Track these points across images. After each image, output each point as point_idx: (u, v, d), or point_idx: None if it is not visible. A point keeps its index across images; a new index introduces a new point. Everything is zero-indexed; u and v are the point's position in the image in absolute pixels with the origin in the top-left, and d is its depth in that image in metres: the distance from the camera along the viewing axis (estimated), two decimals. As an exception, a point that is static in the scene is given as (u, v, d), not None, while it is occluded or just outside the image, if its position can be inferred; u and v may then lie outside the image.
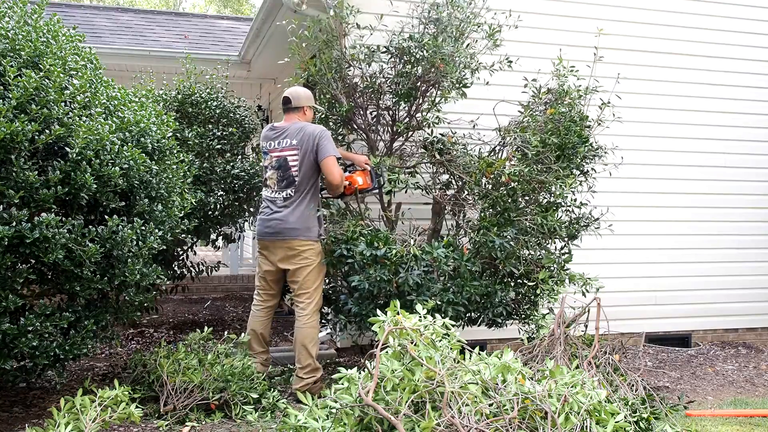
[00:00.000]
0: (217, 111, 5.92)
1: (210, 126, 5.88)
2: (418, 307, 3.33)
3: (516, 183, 4.32)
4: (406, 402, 2.88)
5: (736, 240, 6.41)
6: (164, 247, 4.22)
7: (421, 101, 4.76)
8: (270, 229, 4.26)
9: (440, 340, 3.12)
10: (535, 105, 4.76)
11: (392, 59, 4.71)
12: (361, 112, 4.82)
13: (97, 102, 3.86)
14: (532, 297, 4.58)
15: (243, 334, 4.49)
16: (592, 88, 4.70)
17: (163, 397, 3.89)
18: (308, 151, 4.23)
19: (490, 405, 2.89)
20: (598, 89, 4.77)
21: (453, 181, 4.80)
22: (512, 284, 4.54)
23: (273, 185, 4.31)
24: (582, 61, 4.92)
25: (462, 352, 3.24)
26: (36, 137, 3.39)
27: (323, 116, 4.94)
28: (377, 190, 4.59)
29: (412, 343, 3.06)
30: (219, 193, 5.87)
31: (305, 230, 4.22)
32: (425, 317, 3.21)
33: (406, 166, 4.76)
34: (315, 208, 4.30)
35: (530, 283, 4.48)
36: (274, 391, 4.14)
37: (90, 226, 3.57)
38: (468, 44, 4.70)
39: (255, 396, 4.00)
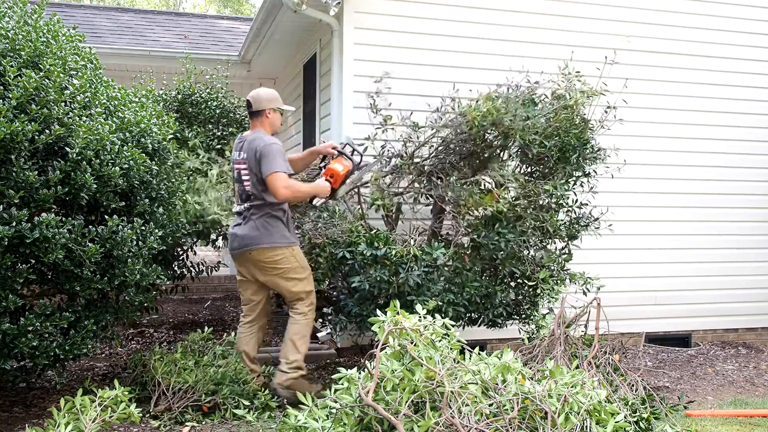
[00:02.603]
0: (217, 111, 5.93)
1: (210, 126, 5.89)
2: (418, 307, 3.33)
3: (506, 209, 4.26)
4: (406, 402, 2.88)
5: (736, 240, 6.40)
6: (164, 247, 4.22)
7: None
8: (234, 243, 4.10)
9: (440, 341, 3.12)
10: (541, 107, 4.75)
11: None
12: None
13: (97, 102, 3.87)
14: (532, 297, 4.58)
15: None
16: (597, 89, 4.68)
17: (155, 398, 3.90)
18: (252, 167, 3.98)
19: (490, 405, 2.89)
20: (603, 90, 4.76)
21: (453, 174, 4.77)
22: (512, 285, 4.54)
23: (237, 199, 4.18)
24: (582, 61, 4.92)
25: (462, 352, 3.24)
26: (36, 137, 3.39)
27: None
28: (361, 169, 4.39)
29: (412, 343, 3.06)
30: (219, 193, 5.87)
31: (266, 236, 4.00)
32: (425, 317, 3.21)
33: (394, 192, 4.74)
34: (275, 215, 4.03)
35: (530, 283, 4.48)
36: (266, 391, 4.13)
37: (90, 226, 3.57)
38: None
39: (246, 402, 3.96)
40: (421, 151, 4.69)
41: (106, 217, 3.68)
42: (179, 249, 5.99)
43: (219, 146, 5.83)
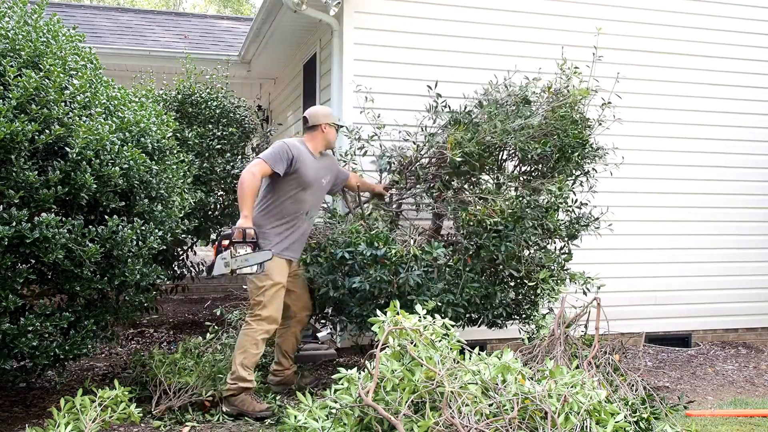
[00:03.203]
0: (217, 111, 5.93)
1: (210, 126, 5.89)
2: (418, 307, 3.33)
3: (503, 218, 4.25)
4: (406, 402, 2.88)
5: (736, 240, 6.40)
6: (164, 247, 4.22)
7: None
8: None
9: (440, 341, 3.13)
10: (537, 106, 4.75)
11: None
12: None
13: (97, 102, 3.86)
14: (533, 297, 4.57)
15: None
16: (593, 87, 4.69)
17: (155, 398, 3.91)
18: None
19: (490, 405, 2.89)
20: (598, 89, 4.77)
21: (453, 182, 4.76)
22: (512, 285, 4.54)
23: None
24: (582, 60, 4.92)
25: (462, 352, 3.24)
26: (36, 137, 3.39)
27: None
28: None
29: (411, 343, 3.06)
30: (219, 193, 5.89)
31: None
32: (425, 317, 3.21)
33: (391, 209, 4.73)
34: (261, 225, 3.97)
35: (530, 284, 4.48)
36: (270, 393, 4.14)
37: (90, 226, 3.57)
38: None
39: None
40: (418, 156, 4.67)
41: (106, 217, 3.68)
42: (179, 249, 6.00)
43: (219, 146, 5.84)
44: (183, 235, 5.40)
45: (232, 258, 3.70)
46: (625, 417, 3.13)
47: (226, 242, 3.72)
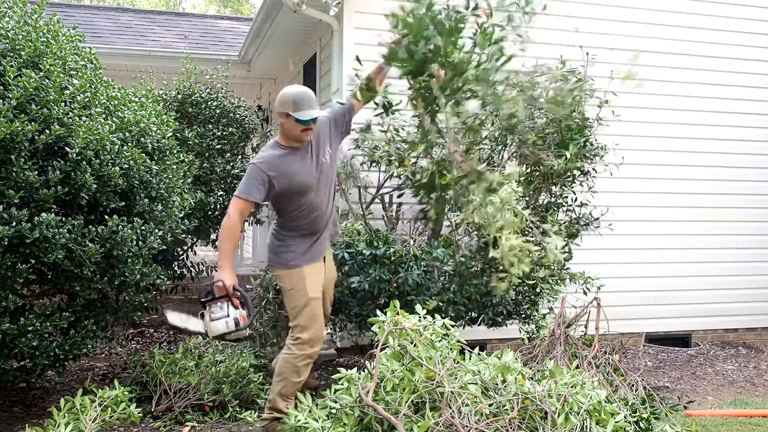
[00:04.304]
0: (217, 111, 5.93)
1: (210, 126, 5.89)
2: (418, 307, 3.33)
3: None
4: (406, 402, 2.88)
5: (736, 240, 6.40)
6: (164, 247, 4.22)
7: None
8: None
9: (440, 341, 3.13)
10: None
11: None
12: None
13: (97, 102, 3.87)
14: (533, 296, 4.57)
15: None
16: (593, 88, 4.67)
17: (156, 397, 3.91)
18: None
19: (490, 405, 2.89)
20: (597, 89, 4.75)
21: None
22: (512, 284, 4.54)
23: None
24: (580, 60, 4.91)
25: (462, 352, 3.24)
26: (36, 137, 3.39)
27: None
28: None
29: (411, 343, 3.06)
30: (219, 193, 5.89)
31: (273, 256, 3.70)
32: (425, 317, 3.21)
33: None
34: (282, 237, 3.65)
35: (530, 282, 4.48)
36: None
37: (90, 226, 3.57)
38: None
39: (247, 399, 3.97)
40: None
41: (106, 217, 3.68)
42: (179, 249, 6.00)
43: (219, 146, 5.84)
44: (183, 235, 5.40)
45: (205, 318, 3.59)
46: (625, 417, 3.13)
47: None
